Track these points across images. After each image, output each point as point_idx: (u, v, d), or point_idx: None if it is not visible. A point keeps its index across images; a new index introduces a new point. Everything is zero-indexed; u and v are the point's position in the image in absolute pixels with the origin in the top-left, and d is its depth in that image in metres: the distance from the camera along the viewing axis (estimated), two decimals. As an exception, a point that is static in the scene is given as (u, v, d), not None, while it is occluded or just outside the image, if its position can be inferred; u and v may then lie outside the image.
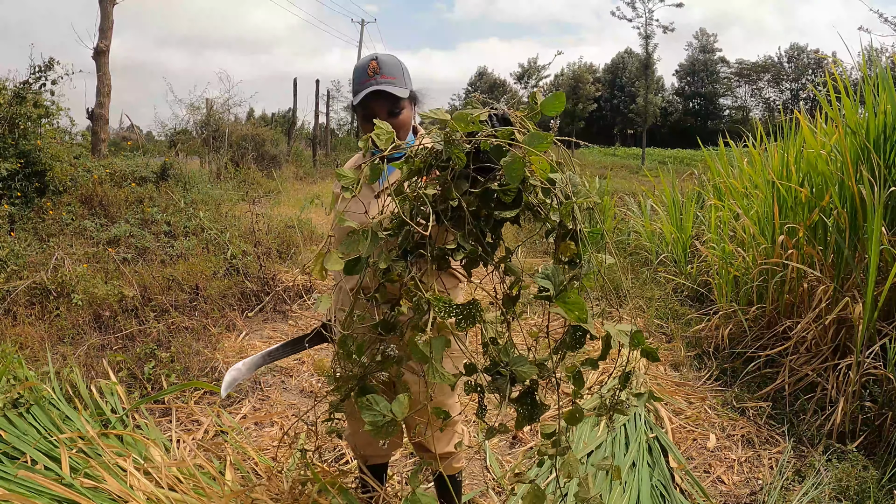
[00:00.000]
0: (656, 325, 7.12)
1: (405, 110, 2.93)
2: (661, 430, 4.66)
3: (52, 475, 3.69)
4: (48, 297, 6.54)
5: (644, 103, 46.78)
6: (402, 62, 2.95)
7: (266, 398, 5.33)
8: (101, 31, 12.49)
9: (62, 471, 3.66)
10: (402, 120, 2.92)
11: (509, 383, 2.03)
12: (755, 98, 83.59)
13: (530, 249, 10.80)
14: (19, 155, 8.59)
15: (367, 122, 2.83)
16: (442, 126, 1.96)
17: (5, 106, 8.85)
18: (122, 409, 4.68)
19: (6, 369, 4.73)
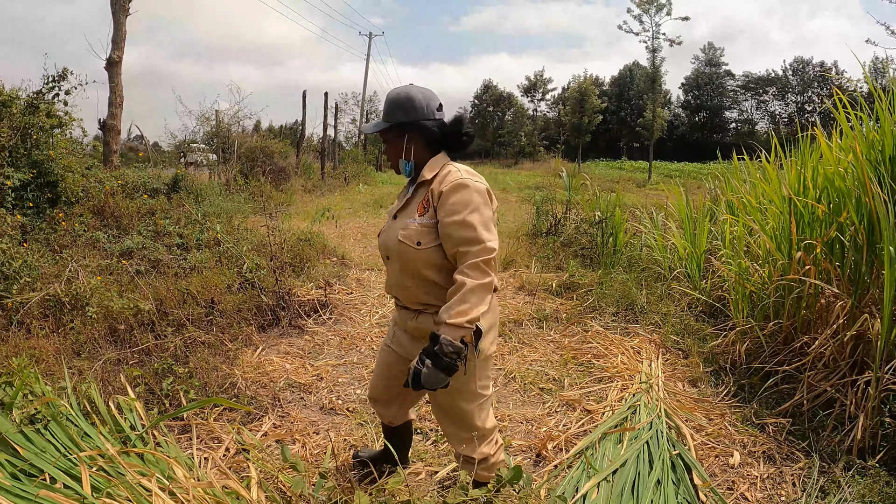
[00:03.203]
0: (672, 340, 7.05)
1: (389, 143, 3.36)
2: (683, 447, 4.66)
3: (73, 494, 3.64)
4: (62, 310, 6.48)
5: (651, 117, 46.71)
6: (402, 94, 3.30)
7: (286, 415, 5.26)
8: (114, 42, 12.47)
9: (83, 490, 3.60)
10: (387, 150, 3.42)
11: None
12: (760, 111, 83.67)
13: (545, 265, 10.72)
14: (32, 165, 8.55)
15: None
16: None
17: (18, 115, 8.82)
18: (141, 425, 4.62)
19: (23, 384, 4.68)
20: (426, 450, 4.72)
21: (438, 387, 2.90)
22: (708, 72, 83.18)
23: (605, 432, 4.91)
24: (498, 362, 6.61)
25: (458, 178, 3.05)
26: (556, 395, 5.78)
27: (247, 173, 19.55)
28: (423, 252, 3.12)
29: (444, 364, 2.83)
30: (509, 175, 43.66)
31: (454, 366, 2.86)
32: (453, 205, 2.99)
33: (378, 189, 26.57)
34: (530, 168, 56.10)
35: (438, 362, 2.84)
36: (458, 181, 3.03)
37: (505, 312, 8.32)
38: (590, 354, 6.79)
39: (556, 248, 11.47)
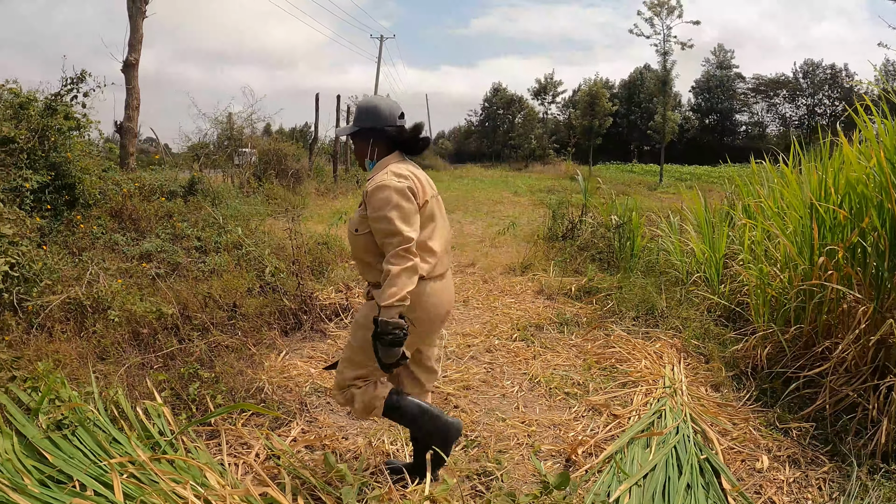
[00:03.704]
0: (693, 344, 7.01)
1: (357, 145, 3.94)
2: (710, 452, 4.68)
3: (105, 502, 3.59)
4: (83, 314, 6.44)
5: (662, 120, 46.57)
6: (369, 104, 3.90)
7: (314, 420, 5.23)
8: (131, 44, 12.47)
9: (116, 497, 3.55)
10: (356, 151, 4.00)
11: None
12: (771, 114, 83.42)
13: (562, 268, 10.67)
14: (49, 167, 8.52)
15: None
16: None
17: (36, 118, 8.79)
18: (170, 431, 4.57)
19: (49, 389, 4.63)
20: (457, 455, 4.70)
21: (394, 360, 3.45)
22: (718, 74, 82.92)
23: (633, 437, 4.91)
24: (522, 367, 6.60)
25: (381, 179, 3.58)
26: (581, 400, 5.76)
27: (260, 176, 19.51)
28: (361, 238, 3.73)
29: (388, 341, 3.37)
30: (520, 178, 43.56)
31: (399, 339, 3.39)
32: (376, 203, 3.53)
33: (390, 192, 26.45)
34: (540, 171, 55.97)
35: (383, 341, 3.39)
36: (380, 183, 3.57)
37: (525, 316, 8.31)
38: (613, 359, 6.76)
39: (573, 252, 11.40)
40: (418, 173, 3.78)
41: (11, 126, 8.44)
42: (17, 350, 5.61)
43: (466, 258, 12.06)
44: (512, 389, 6.05)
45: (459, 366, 6.62)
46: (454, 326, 7.93)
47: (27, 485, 3.71)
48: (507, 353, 7.00)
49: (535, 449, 4.87)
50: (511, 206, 23.28)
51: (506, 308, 8.78)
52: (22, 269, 6.49)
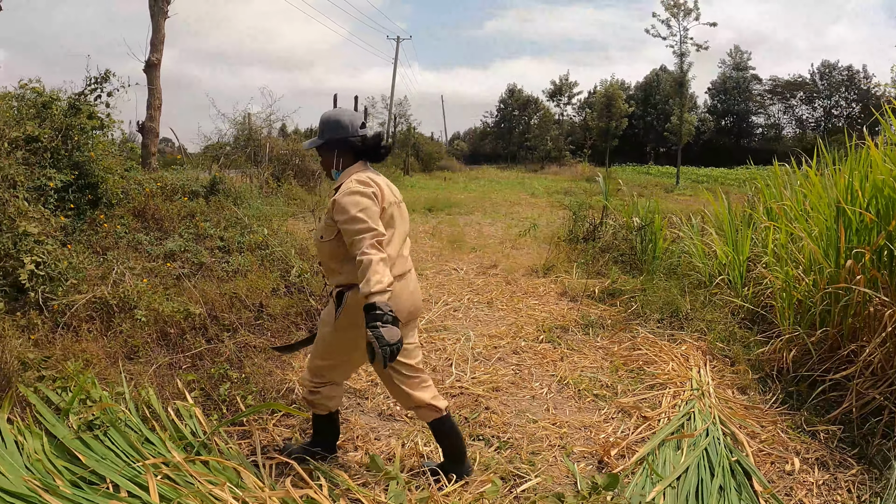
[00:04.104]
0: (719, 347, 6.96)
1: (323, 156, 4.19)
2: (741, 454, 4.67)
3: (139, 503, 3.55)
4: (110, 313, 6.41)
5: (679, 122, 46.39)
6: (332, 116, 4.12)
7: (345, 421, 5.19)
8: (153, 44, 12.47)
9: (151, 499, 3.50)
10: (322, 162, 4.25)
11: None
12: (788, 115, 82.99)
13: (585, 270, 10.61)
14: (73, 166, 8.49)
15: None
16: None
17: (59, 117, 8.77)
18: (202, 432, 4.53)
19: (80, 389, 4.60)
20: (492, 456, 4.69)
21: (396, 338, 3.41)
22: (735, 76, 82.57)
23: (664, 439, 4.90)
24: (550, 368, 6.58)
25: (347, 187, 3.78)
26: (610, 402, 5.75)
27: (278, 176, 19.50)
28: (326, 245, 3.94)
29: (390, 320, 3.39)
30: (536, 180, 43.60)
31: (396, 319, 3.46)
32: (343, 207, 3.69)
33: (406, 193, 26.40)
34: (556, 172, 55.94)
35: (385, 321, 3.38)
36: (347, 190, 3.75)
37: (550, 318, 8.28)
38: (640, 361, 6.73)
39: (595, 254, 11.35)
40: (380, 180, 3.98)
41: (35, 125, 8.42)
42: (44, 349, 5.59)
43: (488, 259, 12.04)
44: (541, 391, 6.03)
45: (487, 367, 6.59)
46: (480, 328, 7.91)
47: (59, 486, 3.68)
48: (534, 355, 6.96)
49: (567, 451, 4.85)
50: (529, 207, 23.26)
51: (530, 310, 8.75)
52: (47, 268, 6.47)
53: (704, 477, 4.38)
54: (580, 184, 37.16)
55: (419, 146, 53.54)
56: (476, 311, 8.66)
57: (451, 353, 6.94)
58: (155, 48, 12.45)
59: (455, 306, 8.84)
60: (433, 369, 6.46)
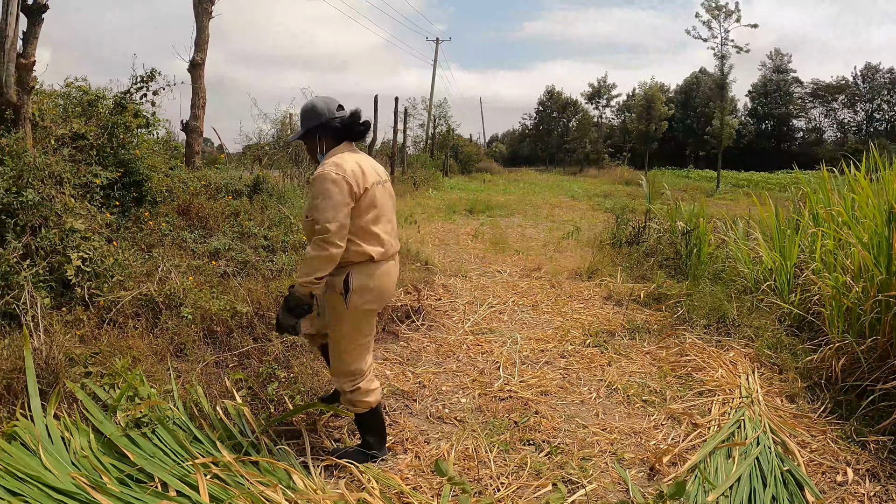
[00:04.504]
0: (766, 354, 6.80)
1: (307, 144, 4.40)
2: (792, 464, 4.59)
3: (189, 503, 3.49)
4: (155, 310, 6.39)
5: (720, 125, 45.88)
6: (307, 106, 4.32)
7: (393, 423, 5.15)
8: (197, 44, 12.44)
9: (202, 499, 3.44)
10: (307, 149, 4.45)
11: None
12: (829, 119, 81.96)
13: (629, 274, 10.49)
14: (118, 164, 8.49)
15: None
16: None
17: (105, 115, 8.79)
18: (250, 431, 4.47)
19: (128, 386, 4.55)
20: (542, 462, 4.63)
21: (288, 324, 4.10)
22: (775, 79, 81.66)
23: (715, 447, 4.82)
24: (598, 373, 6.48)
25: (321, 170, 3.98)
26: (660, 408, 5.65)
27: (320, 176, 19.42)
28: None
29: (290, 307, 4.06)
30: (575, 183, 43.31)
31: (302, 312, 4.08)
32: (314, 191, 3.99)
33: (448, 194, 26.48)
34: (595, 175, 55.53)
35: (286, 306, 4.08)
36: (319, 173, 3.99)
37: (596, 322, 8.17)
38: (689, 367, 6.61)
39: (639, 258, 11.21)
40: (363, 162, 4.16)
41: (81, 123, 8.44)
42: (90, 345, 5.59)
43: (532, 262, 11.90)
44: (590, 396, 5.93)
45: (535, 371, 6.50)
46: (526, 331, 7.82)
47: (106, 483, 3.63)
48: (581, 359, 6.86)
49: (618, 457, 4.76)
50: (569, 210, 23.12)
51: (575, 313, 8.64)
52: (93, 265, 6.47)
53: (757, 487, 4.32)
54: (619, 187, 37.09)
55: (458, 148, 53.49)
56: (521, 314, 8.56)
57: (499, 356, 6.86)
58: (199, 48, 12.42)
59: (500, 309, 8.74)
60: (480, 372, 6.39)
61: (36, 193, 6.41)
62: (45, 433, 4.12)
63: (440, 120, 56.34)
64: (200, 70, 12.46)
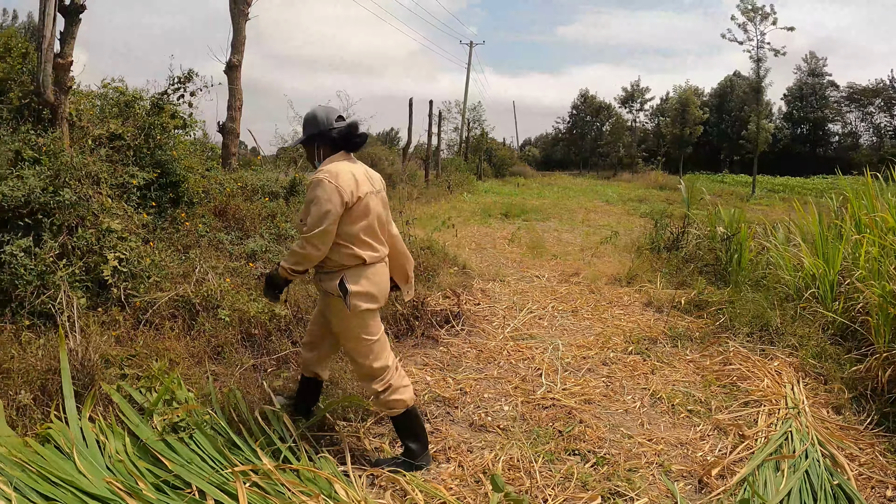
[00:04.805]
0: (810, 364, 6.61)
1: (306, 150, 4.59)
2: (842, 477, 4.47)
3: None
4: (192, 311, 6.32)
5: (756, 129, 45.38)
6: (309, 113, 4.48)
7: (435, 431, 5.02)
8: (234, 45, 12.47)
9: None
10: (306, 155, 4.62)
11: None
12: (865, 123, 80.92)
13: (668, 280, 10.31)
14: (155, 164, 8.46)
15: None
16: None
17: (142, 115, 8.76)
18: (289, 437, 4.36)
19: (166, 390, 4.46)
20: (589, 473, 4.50)
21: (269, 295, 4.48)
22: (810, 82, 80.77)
23: (763, 460, 4.67)
24: (641, 381, 6.33)
25: (316, 177, 4.16)
26: (705, 419, 5.49)
27: (355, 179, 19.39)
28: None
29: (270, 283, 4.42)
30: (609, 187, 43.05)
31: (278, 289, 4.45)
32: (307, 196, 4.18)
33: (482, 198, 26.38)
34: (629, 179, 55.19)
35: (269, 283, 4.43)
36: (313, 179, 4.17)
37: (637, 329, 8.03)
38: (734, 377, 6.43)
39: (678, 264, 11.02)
40: (357, 171, 4.29)
41: (118, 123, 8.42)
42: (126, 346, 5.54)
43: (570, 267, 11.75)
44: (634, 405, 5.77)
45: (577, 378, 6.35)
46: (567, 337, 7.67)
47: (142, 489, 3.53)
48: (623, 367, 6.71)
49: (665, 469, 4.63)
50: (605, 215, 22.92)
51: (616, 320, 8.49)
52: (130, 265, 6.43)
53: (807, 501, 4.22)
54: (654, 192, 36.82)
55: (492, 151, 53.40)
56: (561, 320, 8.41)
57: (540, 362, 6.71)
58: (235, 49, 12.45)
59: (540, 314, 8.60)
60: (522, 379, 6.25)
61: (73, 193, 6.37)
62: (79, 436, 4.04)
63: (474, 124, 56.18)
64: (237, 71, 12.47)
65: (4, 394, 4.45)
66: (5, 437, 3.94)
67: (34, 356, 4.89)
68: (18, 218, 6.11)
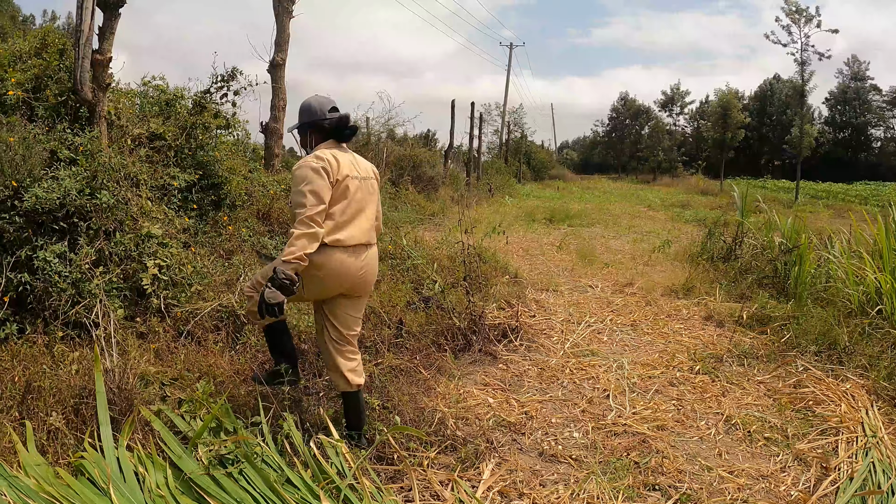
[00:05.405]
0: (882, 386, 6.16)
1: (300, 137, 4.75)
2: None
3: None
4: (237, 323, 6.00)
5: (799, 133, 44.59)
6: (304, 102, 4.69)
7: (503, 461, 4.61)
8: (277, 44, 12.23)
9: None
10: (300, 142, 4.79)
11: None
12: (908, 128, 79.66)
13: (727, 293, 9.84)
14: (196, 166, 8.15)
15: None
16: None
17: (184, 115, 8.44)
18: (348, 470, 3.93)
19: (212, 418, 4.05)
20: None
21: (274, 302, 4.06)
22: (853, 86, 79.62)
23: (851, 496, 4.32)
24: (712, 405, 5.91)
25: (302, 162, 4.33)
26: (783, 448, 5.09)
27: (395, 182, 19.19)
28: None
29: (278, 284, 4.03)
30: (650, 192, 42.52)
31: (287, 288, 4.06)
32: (295, 179, 4.29)
33: (524, 202, 25.95)
34: (669, 184, 54.65)
35: (273, 283, 4.04)
36: (300, 164, 4.32)
37: (700, 345, 7.62)
38: (808, 400, 5.98)
39: (735, 276, 10.54)
40: (340, 156, 4.43)
41: (159, 122, 8.10)
42: (165, 359, 5.25)
43: (622, 277, 11.31)
44: (708, 431, 5.34)
45: (646, 401, 5.92)
46: (629, 354, 7.27)
47: (185, 529, 3.13)
48: (692, 388, 6.28)
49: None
50: (649, 221, 22.43)
51: (677, 335, 8.06)
52: (170, 272, 6.11)
53: None
54: (696, 197, 36.30)
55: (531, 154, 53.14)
56: (621, 335, 7.99)
57: (605, 382, 6.31)
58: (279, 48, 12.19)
59: (598, 328, 8.20)
60: (589, 401, 5.84)
61: (111, 195, 6.08)
62: (115, 467, 3.67)
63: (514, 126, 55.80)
64: (281, 70, 12.21)
65: (35, 415, 4.10)
66: (35, 465, 3.58)
67: (67, 372, 4.58)
68: (53, 222, 5.80)
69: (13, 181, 5.65)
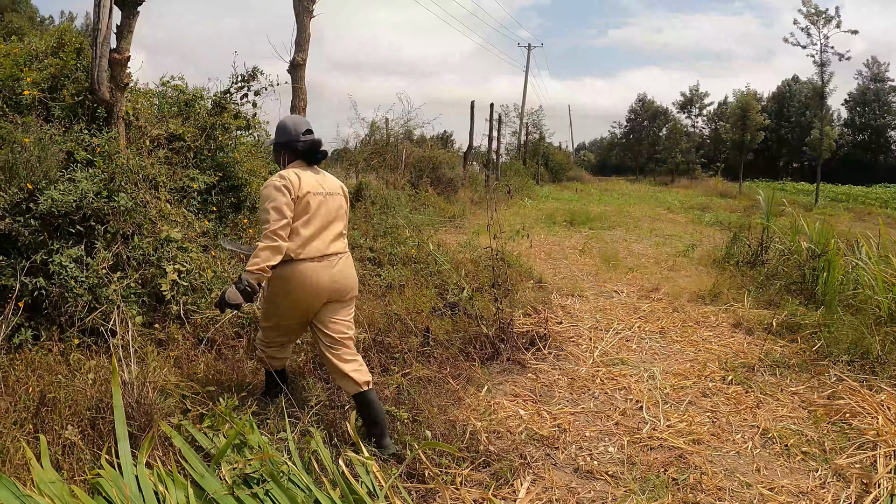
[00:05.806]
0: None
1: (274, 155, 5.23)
2: None
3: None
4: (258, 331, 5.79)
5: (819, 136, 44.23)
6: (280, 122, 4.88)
7: (538, 478, 4.42)
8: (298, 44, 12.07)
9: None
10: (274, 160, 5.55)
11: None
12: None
13: (755, 300, 9.61)
14: (216, 167, 8.01)
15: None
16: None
17: (203, 115, 8.29)
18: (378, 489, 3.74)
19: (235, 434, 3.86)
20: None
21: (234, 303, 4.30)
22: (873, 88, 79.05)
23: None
24: (748, 417, 5.71)
25: (268, 181, 4.55)
26: (822, 463, 4.91)
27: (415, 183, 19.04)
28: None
29: (241, 289, 4.27)
30: (669, 194, 42.23)
31: (248, 294, 4.30)
32: (261, 198, 4.53)
33: (543, 204, 25.83)
34: (687, 186, 54.35)
35: (238, 287, 4.28)
36: (266, 184, 4.55)
37: (731, 354, 7.42)
38: (845, 412, 5.75)
39: (762, 281, 10.31)
40: (303, 174, 4.64)
41: (178, 123, 7.95)
42: (184, 368, 5.13)
43: (648, 282, 11.09)
44: (745, 445, 5.14)
45: (680, 413, 5.71)
46: (660, 363, 7.06)
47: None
48: (726, 400, 6.06)
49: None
50: (670, 224, 22.19)
51: (706, 343, 7.83)
52: (190, 277, 5.97)
53: None
54: (716, 199, 36.05)
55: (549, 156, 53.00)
56: (650, 343, 7.78)
57: (638, 393, 6.11)
58: (300, 48, 12.02)
59: (627, 336, 8.00)
60: (622, 413, 5.64)
61: (129, 198, 5.95)
62: (134, 486, 3.49)
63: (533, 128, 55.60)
64: (301, 70, 12.04)
65: (49, 428, 3.95)
66: (50, 482, 3.40)
67: (83, 382, 4.44)
68: (69, 225, 5.67)
69: (28, 183, 5.53)
